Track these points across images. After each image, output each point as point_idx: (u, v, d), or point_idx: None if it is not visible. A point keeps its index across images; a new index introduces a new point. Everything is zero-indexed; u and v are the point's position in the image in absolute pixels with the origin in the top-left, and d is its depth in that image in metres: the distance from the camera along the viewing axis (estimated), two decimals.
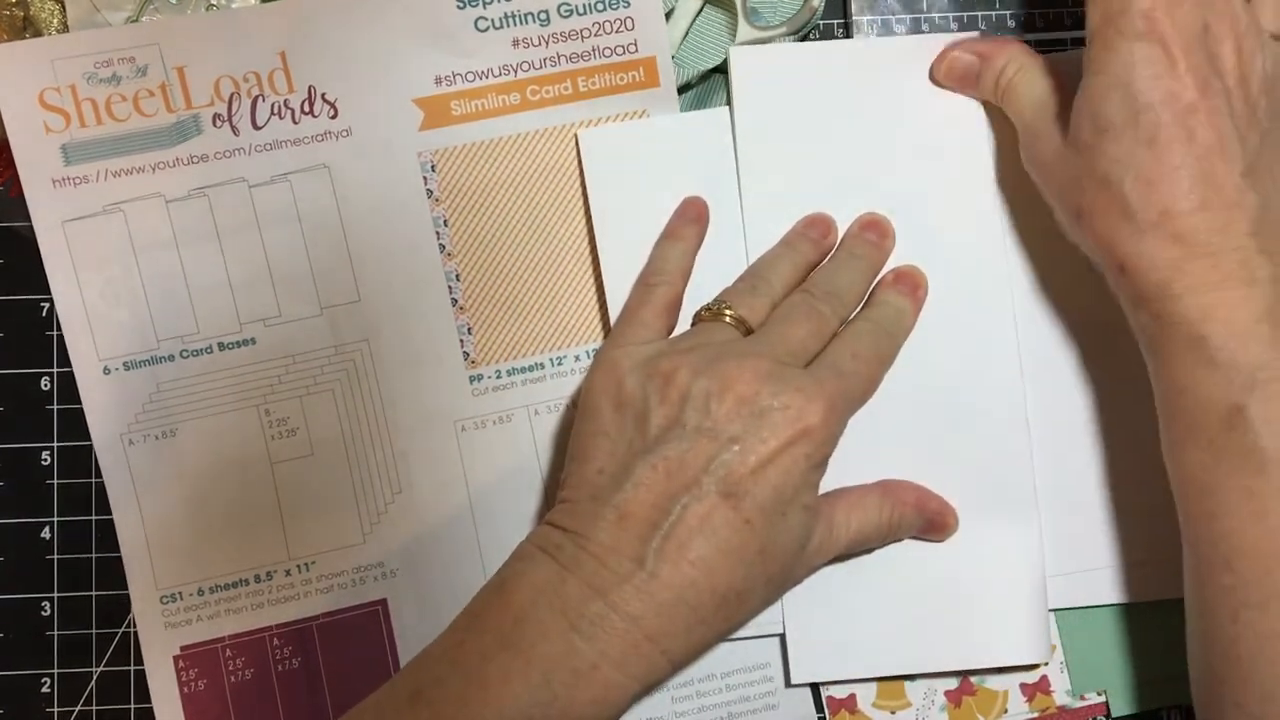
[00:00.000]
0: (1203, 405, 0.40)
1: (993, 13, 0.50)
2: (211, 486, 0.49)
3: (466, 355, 0.49)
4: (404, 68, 0.49)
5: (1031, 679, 0.49)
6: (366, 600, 0.49)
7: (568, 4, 0.49)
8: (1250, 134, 0.40)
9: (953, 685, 0.49)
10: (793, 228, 0.48)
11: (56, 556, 0.50)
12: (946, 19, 0.50)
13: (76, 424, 0.49)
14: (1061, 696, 0.49)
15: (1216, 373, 0.39)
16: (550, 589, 0.39)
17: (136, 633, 0.49)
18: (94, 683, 0.50)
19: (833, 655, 0.47)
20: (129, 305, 0.49)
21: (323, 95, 0.49)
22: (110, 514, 0.49)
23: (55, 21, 0.49)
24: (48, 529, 0.50)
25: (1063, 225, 0.44)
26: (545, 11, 0.49)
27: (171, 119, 0.49)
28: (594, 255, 0.49)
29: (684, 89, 0.50)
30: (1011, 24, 0.50)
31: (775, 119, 0.48)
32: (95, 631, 0.50)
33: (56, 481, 0.50)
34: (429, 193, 0.49)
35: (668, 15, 0.50)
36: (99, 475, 0.49)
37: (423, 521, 0.49)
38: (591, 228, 0.49)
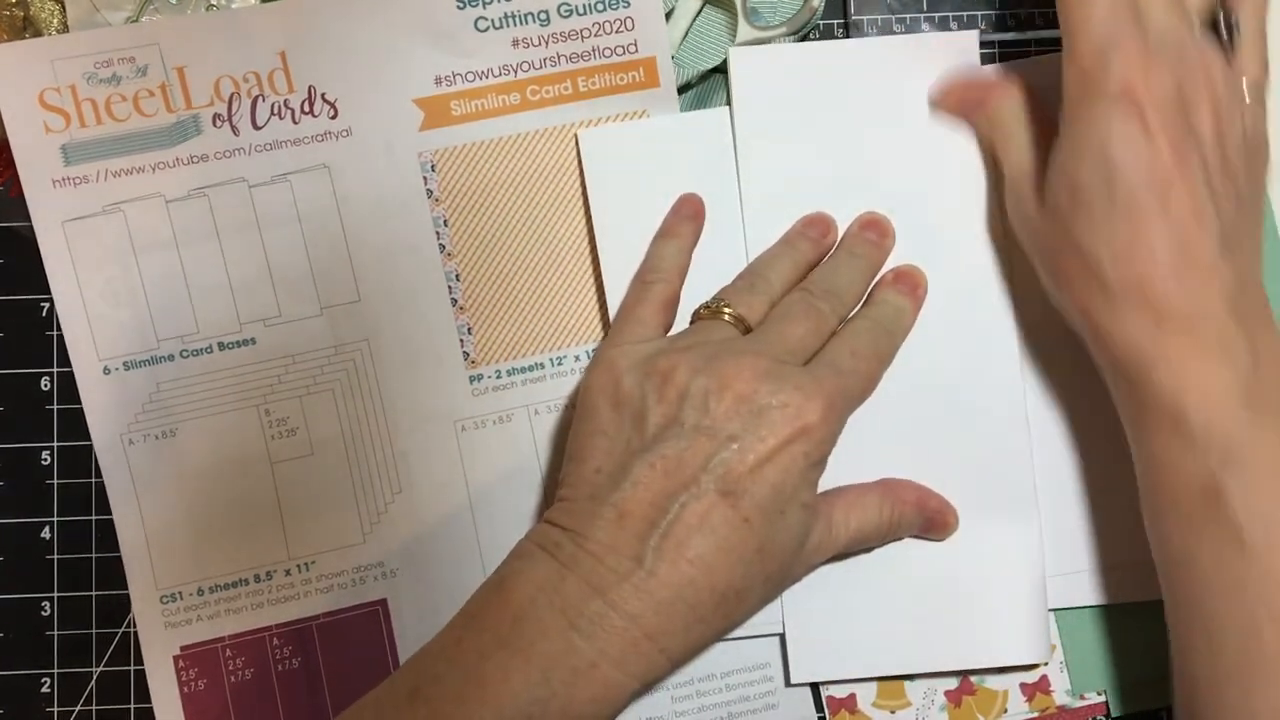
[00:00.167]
0: (1180, 479, 0.39)
1: (992, 12, 0.50)
2: (211, 486, 0.49)
3: (466, 355, 0.49)
4: (404, 68, 0.49)
5: (1031, 679, 0.49)
6: (366, 600, 0.49)
7: (568, 4, 0.49)
8: (1226, 203, 0.40)
9: (953, 685, 0.49)
10: (792, 227, 0.48)
11: (56, 556, 0.50)
12: (946, 19, 0.50)
13: (76, 424, 0.49)
14: (1061, 696, 0.49)
15: (1194, 447, 0.39)
16: (549, 587, 0.39)
17: (136, 633, 0.49)
18: (94, 683, 0.50)
19: (832, 655, 0.47)
20: (129, 305, 0.49)
21: (323, 95, 0.49)
22: (110, 514, 0.49)
23: (55, 21, 0.49)
24: (48, 529, 0.50)
25: (1044, 285, 0.44)
26: (545, 11, 0.49)
27: (171, 119, 0.49)
28: (594, 255, 0.49)
29: (684, 89, 0.50)
30: (1010, 23, 0.50)
31: (775, 119, 0.48)
32: (95, 631, 0.50)
33: (56, 481, 0.50)
34: (429, 193, 0.49)
35: (668, 15, 0.50)
36: (99, 475, 0.49)
37: (423, 521, 0.49)
38: (591, 228, 0.49)
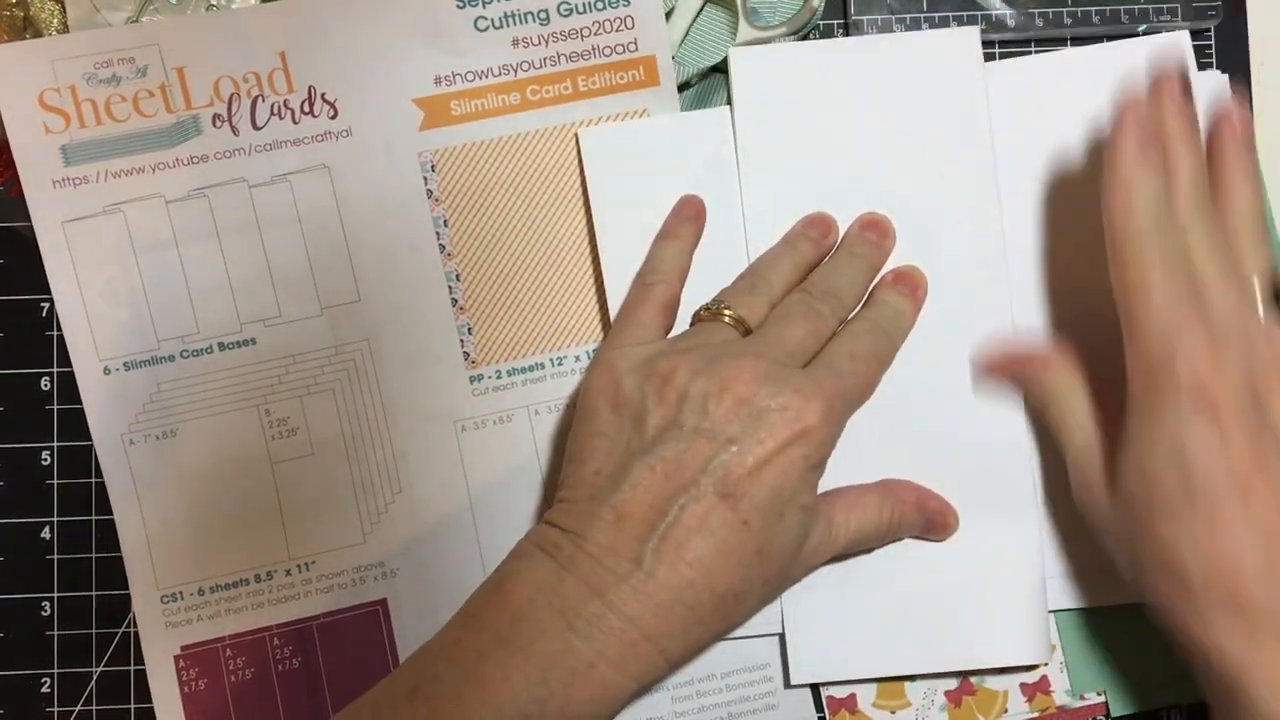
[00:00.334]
0: None
1: (992, 12, 0.50)
2: (212, 486, 0.49)
3: (466, 355, 0.49)
4: (404, 68, 0.49)
5: (1031, 679, 0.49)
6: (366, 600, 0.49)
7: (567, 3, 0.49)
8: None
9: (953, 685, 0.49)
10: (793, 227, 0.48)
11: (56, 556, 0.50)
12: (947, 19, 0.50)
13: (76, 424, 0.49)
14: (1061, 696, 0.49)
15: None
16: (548, 588, 0.39)
17: (136, 633, 0.49)
18: (94, 683, 0.50)
19: (833, 656, 0.47)
20: (129, 305, 0.49)
21: (323, 95, 0.49)
22: (110, 514, 0.49)
23: (55, 22, 0.49)
24: (48, 529, 0.50)
25: (1119, 566, 0.43)
26: (545, 11, 0.49)
27: (171, 119, 0.49)
28: (594, 255, 0.49)
29: (684, 87, 0.50)
30: (1011, 24, 0.50)
31: (775, 119, 0.48)
32: (95, 631, 0.50)
33: (56, 481, 0.50)
34: (429, 193, 0.49)
35: (668, 14, 0.50)
36: (99, 475, 0.49)
37: (423, 521, 0.49)
38: (592, 227, 0.49)
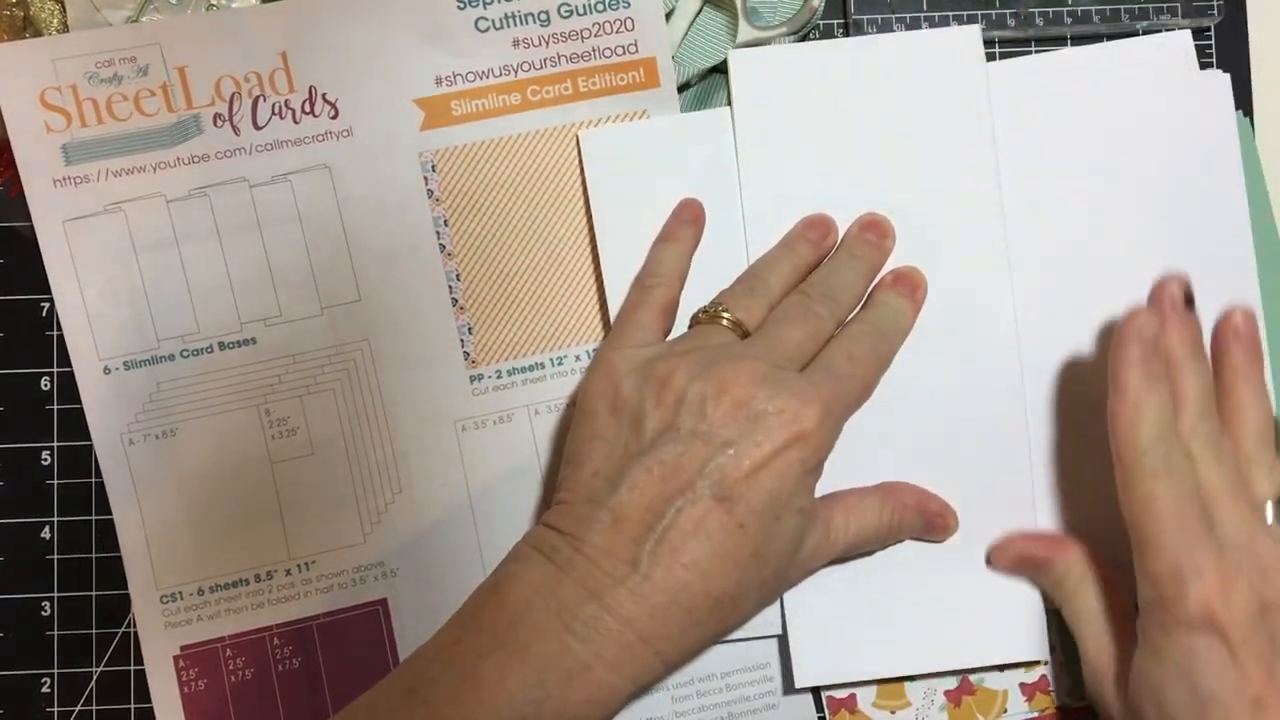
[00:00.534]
0: None
1: (992, 12, 0.50)
2: (212, 486, 0.49)
3: (467, 355, 0.49)
4: (404, 68, 0.49)
5: (1031, 679, 0.49)
6: (366, 600, 0.49)
7: (568, 4, 0.49)
8: None
9: (952, 685, 0.49)
10: (792, 229, 0.48)
11: (56, 556, 0.50)
12: (947, 18, 0.50)
13: (76, 424, 0.49)
14: (1061, 696, 0.49)
15: None
16: (545, 590, 0.39)
17: (136, 633, 0.49)
18: (94, 683, 0.50)
19: (835, 658, 0.47)
20: (129, 305, 0.49)
21: (323, 95, 0.49)
22: (110, 514, 0.49)
23: (55, 21, 0.49)
24: (48, 529, 0.50)
25: None
26: (545, 12, 0.49)
27: (172, 119, 0.49)
28: (594, 255, 0.49)
29: (683, 88, 0.50)
30: (1011, 23, 0.50)
31: (775, 119, 0.48)
32: (95, 631, 0.50)
33: (56, 481, 0.50)
34: (429, 193, 0.49)
35: (668, 15, 0.50)
36: (99, 475, 0.49)
37: (423, 521, 0.49)
38: (592, 228, 0.49)
